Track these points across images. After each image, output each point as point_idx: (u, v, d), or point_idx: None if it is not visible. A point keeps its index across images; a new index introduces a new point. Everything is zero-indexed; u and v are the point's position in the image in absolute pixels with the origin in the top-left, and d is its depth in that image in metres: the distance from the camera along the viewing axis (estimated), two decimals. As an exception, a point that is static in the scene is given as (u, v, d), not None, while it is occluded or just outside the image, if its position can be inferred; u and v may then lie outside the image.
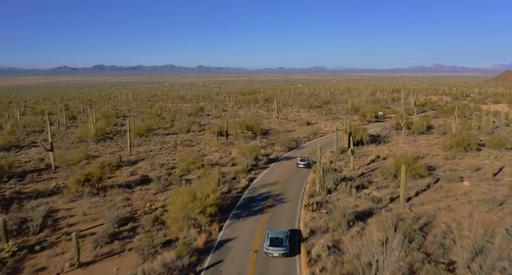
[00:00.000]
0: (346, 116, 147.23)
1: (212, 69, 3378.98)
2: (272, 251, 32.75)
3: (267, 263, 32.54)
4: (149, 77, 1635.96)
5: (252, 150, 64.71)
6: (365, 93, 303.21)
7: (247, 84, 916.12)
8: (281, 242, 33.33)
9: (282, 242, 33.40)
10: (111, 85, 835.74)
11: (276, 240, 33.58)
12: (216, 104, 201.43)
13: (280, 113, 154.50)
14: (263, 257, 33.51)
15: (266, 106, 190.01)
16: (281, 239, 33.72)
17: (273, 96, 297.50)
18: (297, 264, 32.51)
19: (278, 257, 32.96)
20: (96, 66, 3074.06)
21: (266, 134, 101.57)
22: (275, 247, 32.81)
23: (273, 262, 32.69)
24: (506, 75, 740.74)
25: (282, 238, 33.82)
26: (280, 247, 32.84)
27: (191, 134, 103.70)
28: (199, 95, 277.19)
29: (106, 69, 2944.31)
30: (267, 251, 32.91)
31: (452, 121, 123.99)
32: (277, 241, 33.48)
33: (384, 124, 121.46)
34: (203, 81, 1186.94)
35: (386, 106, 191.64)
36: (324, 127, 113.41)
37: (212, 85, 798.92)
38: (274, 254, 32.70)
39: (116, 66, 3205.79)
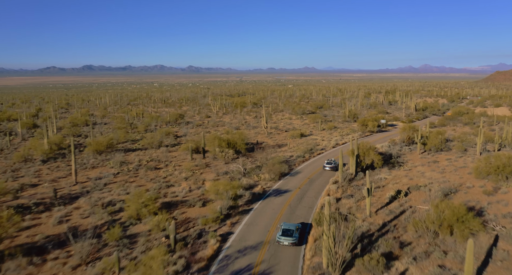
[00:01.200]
0: (343, 124, 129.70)
1: (202, 69, 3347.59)
2: (283, 240, 36.76)
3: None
4: (138, 78, 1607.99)
5: (229, 186, 46.41)
6: (359, 95, 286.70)
7: (237, 85, 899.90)
8: (292, 233, 37.13)
9: (293, 233, 37.21)
10: (99, 86, 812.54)
11: (287, 231, 37.44)
12: (200, 109, 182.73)
13: (270, 121, 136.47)
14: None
15: (255, 111, 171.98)
16: (292, 231, 37.48)
17: (262, 99, 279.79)
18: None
19: (288, 246, 36.78)
20: (85, 67, 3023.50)
21: (252, 151, 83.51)
22: (286, 237, 36.75)
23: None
24: (496, 76, 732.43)
25: (293, 230, 37.53)
26: (290, 237, 36.76)
27: (162, 150, 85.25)
28: (183, 99, 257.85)
29: (95, 70, 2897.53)
30: (279, 240, 36.96)
31: (467, 131, 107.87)
32: (288, 232, 37.29)
33: (391, 136, 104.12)
34: (193, 81, 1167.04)
35: (384, 111, 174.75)
36: (321, 140, 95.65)
37: (202, 86, 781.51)
38: (284, 243, 36.71)
39: (105, 67, 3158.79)
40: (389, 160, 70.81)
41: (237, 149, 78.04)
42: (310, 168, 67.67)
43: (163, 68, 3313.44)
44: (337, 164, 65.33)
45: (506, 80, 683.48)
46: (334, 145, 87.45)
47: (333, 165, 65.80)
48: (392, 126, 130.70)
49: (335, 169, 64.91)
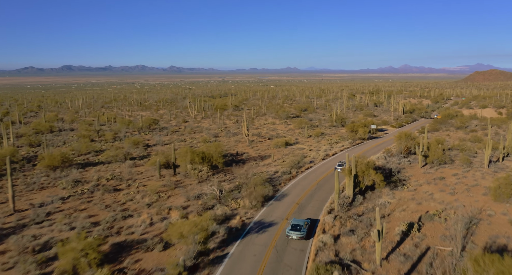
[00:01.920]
0: (331, 129, 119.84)
1: (184, 69, 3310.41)
2: (292, 234, 38.78)
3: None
4: (119, 78, 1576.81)
5: (197, 228, 35.27)
6: (343, 97, 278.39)
7: (219, 85, 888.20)
8: (300, 228, 39.21)
9: (301, 228, 39.29)
10: (79, 87, 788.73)
11: (296, 226, 39.63)
12: (178, 113, 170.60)
13: (252, 126, 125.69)
14: None
15: (236, 115, 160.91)
16: (301, 226, 39.65)
17: (244, 100, 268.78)
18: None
19: (296, 239, 38.88)
20: (64, 67, 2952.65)
21: (231, 164, 72.60)
22: (295, 231, 38.84)
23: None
24: (475, 76, 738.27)
25: (301, 225, 39.75)
26: (299, 231, 38.82)
27: (128, 164, 73.61)
28: (161, 101, 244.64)
29: (75, 70, 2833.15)
30: (288, 234, 39.00)
31: (462, 137, 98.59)
32: (297, 227, 39.45)
33: (384, 144, 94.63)
34: (175, 82, 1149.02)
35: (371, 114, 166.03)
36: (308, 150, 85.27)
37: (183, 86, 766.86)
38: (293, 237, 38.71)
39: (85, 67, 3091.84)
40: (389, 176, 60.87)
41: (213, 163, 67.05)
42: (299, 188, 57.08)
43: (145, 68, 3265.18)
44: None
45: (485, 80, 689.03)
46: (323, 156, 77.25)
47: (344, 166, 61.35)
48: (382, 132, 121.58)
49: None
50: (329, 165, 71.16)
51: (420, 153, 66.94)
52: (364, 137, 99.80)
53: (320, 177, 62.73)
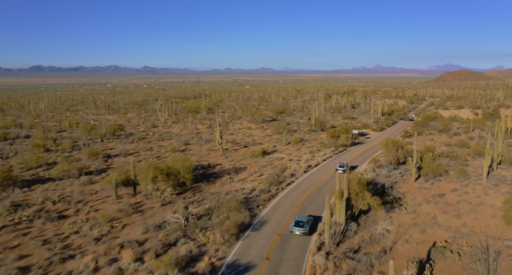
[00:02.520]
0: (310, 135, 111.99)
1: (158, 70, 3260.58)
2: (295, 230, 40.66)
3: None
4: (91, 79, 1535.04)
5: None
6: (320, 98, 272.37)
7: (194, 85, 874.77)
8: (303, 225, 41.02)
9: (304, 224, 41.07)
10: (48, 88, 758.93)
11: (299, 222, 41.39)
12: (147, 117, 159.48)
13: (226, 132, 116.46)
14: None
15: (209, 119, 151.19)
16: (303, 222, 41.38)
17: (219, 102, 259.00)
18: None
19: (300, 235, 40.77)
20: (34, 67, 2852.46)
21: (202, 180, 63.41)
22: (298, 227, 40.68)
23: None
24: (446, 76, 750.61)
25: (304, 222, 41.46)
26: (302, 227, 40.67)
27: (82, 181, 63.36)
28: (131, 103, 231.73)
29: (45, 70, 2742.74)
30: (292, 230, 40.91)
31: (447, 141, 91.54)
32: (300, 223, 41.21)
33: (369, 151, 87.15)
34: (149, 82, 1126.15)
35: (350, 117, 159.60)
36: (288, 160, 76.76)
37: (157, 87, 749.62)
38: (296, 232, 40.61)
39: (56, 67, 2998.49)
40: (382, 193, 53.02)
41: (180, 180, 57.66)
42: (280, 211, 48.34)
43: (117, 68, 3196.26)
44: (349, 167, 66.78)
45: (455, 80, 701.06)
46: (305, 167, 68.88)
47: (345, 168, 65.12)
48: (364, 136, 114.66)
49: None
50: (313, 178, 62.88)
51: (414, 165, 59.40)
52: (347, 144, 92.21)
53: (304, 195, 54.26)
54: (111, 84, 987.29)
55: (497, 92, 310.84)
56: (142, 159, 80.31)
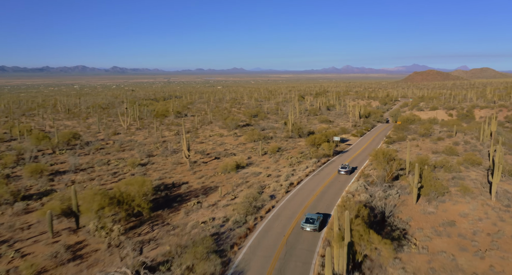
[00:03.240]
0: (288, 142, 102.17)
1: (128, 70, 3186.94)
2: (306, 227, 41.96)
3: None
4: (57, 80, 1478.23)
5: None
6: (294, 100, 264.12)
7: (165, 86, 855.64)
8: (313, 221, 42.50)
9: (314, 221, 42.56)
10: (12, 89, 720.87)
11: (310, 219, 42.89)
12: (109, 123, 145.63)
13: (195, 140, 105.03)
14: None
15: (178, 124, 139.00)
16: (314, 219, 42.91)
17: (189, 104, 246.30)
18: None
19: (310, 231, 42.00)
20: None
21: (163, 207, 52.15)
22: (309, 224, 42.08)
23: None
24: (414, 76, 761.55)
25: (315, 219, 42.97)
26: (312, 224, 42.05)
27: (16, 209, 50.97)
28: (94, 106, 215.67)
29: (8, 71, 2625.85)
30: (303, 226, 42.19)
31: (433, 148, 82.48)
32: (310, 220, 42.71)
33: (355, 162, 77.76)
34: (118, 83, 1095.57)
35: (327, 120, 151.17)
36: (266, 176, 66.31)
37: (126, 88, 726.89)
38: (307, 229, 41.89)
39: (20, 68, 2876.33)
40: (382, 222, 43.56)
41: (134, 210, 46.29)
42: (260, 253, 37.65)
43: (85, 69, 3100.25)
44: (351, 168, 69.87)
45: (423, 80, 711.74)
46: (287, 186, 58.64)
47: (347, 169, 67.46)
48: (345, 143, 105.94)
49: (350, 173, 68.02)
50: (297, 201, 52.68)
51: (415, 185, 50.17)
52: (329, 154, 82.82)
53: (289, 228, 43.82)
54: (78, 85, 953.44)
55: (467, 92, 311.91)
56: (95, 177, 68.15)
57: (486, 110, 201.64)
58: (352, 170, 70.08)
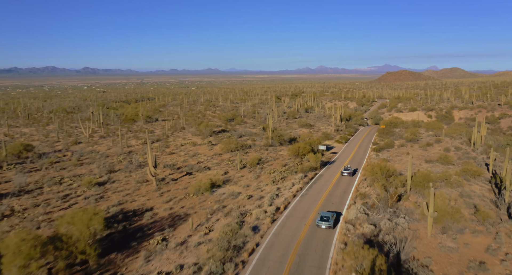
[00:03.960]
0: (268, 151, 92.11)
1: (99, 71, 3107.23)
2: (321, 224, 44.15)
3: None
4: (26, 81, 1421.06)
5: None
6: (271, 101, 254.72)
7: (138, 87, 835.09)
8: (328, 219, 44.64)
9: (329, 219, 44.71)
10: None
11: (324, 217, 44.95)
12: (70, 130, 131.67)
13: (165, 150, 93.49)
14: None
15: (148, 129, 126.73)
16: (328, 217, 45.00)
17: (162, 107, 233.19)
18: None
19: (325, 228, 44.00)
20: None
21: (117, 248, 41.04)
22: (324, 221, 44.24)
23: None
24: (387, 76, 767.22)
25: (329, 217, 45.08)
26: (327, 222, 44.22)
27: None
28: (57, 110, 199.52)
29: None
30: (318, 224, 44.38)
31: (424, 155, 73.72)
32: (325, 218, 44.77)
33: (350, 179, 68.21)
34: (89, 84, 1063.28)
35: (307, 124, 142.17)
36: (246, 199, 55.83)
37: (98, 89, 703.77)
38: (322, 226, 44.05)
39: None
40: (397, 267, 34.01)
41: (77, 258, 35.10)
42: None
43: (55, 70, 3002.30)
44: (353, 170, 71.99)
45: (396, 80, 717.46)
46: (272, 213, 48.35)
47: (350, 170, 70.07)
48: (329, 151, 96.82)
49: (352, 174, 70.53)
50: (287, 236, 42.42)
51: (431, 214, 40.80)
52: (316, 166, 73.24)
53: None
54: (48, 86, 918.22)
55: (443, 93, 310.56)
56: (41, 202, 56.15)
57: (465, 111, 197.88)
58: (354, 171, 72.32)
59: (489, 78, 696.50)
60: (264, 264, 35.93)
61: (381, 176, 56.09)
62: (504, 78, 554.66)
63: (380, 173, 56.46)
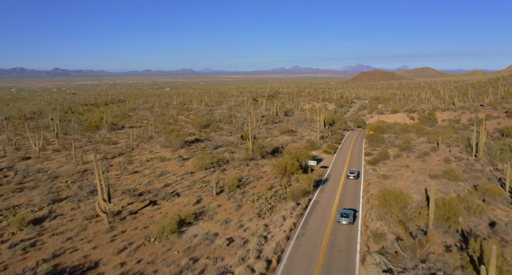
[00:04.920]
0: (249, 167, 78.49)
1: (70, 72, 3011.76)
2: (342, 220, 46.80)
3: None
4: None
5: None
6: (248, 104, 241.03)
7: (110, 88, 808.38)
8: (348, 215, 47.59)
9: (348, 215, 47.60)
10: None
11: (344, 214, 47.90)
12: (22, 141, 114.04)
13: (126, 167, 78.15)
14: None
15: (111, 139, 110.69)
16: (348, 214, 47.94)
17: (132, 110, 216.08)
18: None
19: (346, 224, 46.69)
20: None
21: None
22: (344, 218, 47.01)
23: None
24: (361, 76, 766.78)
25: (349, 213, 47.99)
26: (347, 218, 47.00)
27: None
28: (14, 117, 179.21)
29: None
30: (339, 220, 47.01)
31: (437, 174, 63.12)
32: (345, 215, 47.70)
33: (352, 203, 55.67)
34: (59, 85, 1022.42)
35: (288, 129, 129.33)
36: (224, 242, 42.02)
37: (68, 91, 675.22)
38: (343, 222, 46.69)
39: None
40: None
41: None
42: None
43: (24, 71, 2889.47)
44: (357, 172, 74.65)
45: (370, 80, 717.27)
46: (262, 272, 35.10)
47: (355, 174, 71.36)
48: (318, 164, 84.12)
49: (357, 177, 71.58)
50: None
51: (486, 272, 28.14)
52: (309, 190, 60.17)
53: None
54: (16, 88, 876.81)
55: (421, 93, 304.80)
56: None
57: (448, 113, 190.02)
58: (358, 174, 73.27)
59: (460, 77, 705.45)
60: None
61: (396, 207, 43.54)
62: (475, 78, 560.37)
63: (394, 204, 43.93)
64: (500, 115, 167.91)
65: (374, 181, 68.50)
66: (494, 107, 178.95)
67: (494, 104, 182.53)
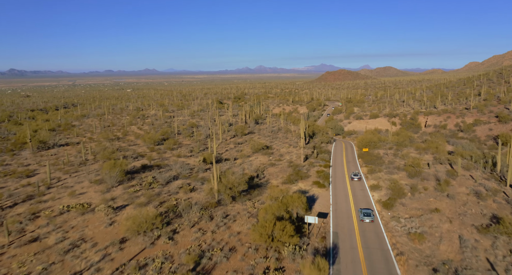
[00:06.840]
0: (215, 224, 51.89)
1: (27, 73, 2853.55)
2: (366, 219, 50.51)
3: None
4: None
5: None
6: (211, 108, 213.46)
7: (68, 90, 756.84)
8: (370, 214, 51.49)
9: (370, 214, 51.53)
10: None
11: (366, 213, 51.67)
12: None
13: (23, 227, 49.21)
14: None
15: (28, 168, 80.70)
16: (370, 212, 51.91)
17: (81, 117, 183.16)
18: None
19: (369, 222, 50.75)
20: None
21: None
22: (367, 216, 50.90)
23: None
24: (327, 76, 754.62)
25: (370, 212, 51.96)
26: (369, 216, 50.98)
27: None
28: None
29: None
30: (363, 219, 50.60)
31: (479, 228, 41.36)
32: (367, 213, 51.54)
33: None
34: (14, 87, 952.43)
35: (263, 146, 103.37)
36: None
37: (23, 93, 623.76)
38: (366, 220, 50.51)
39: None
40: None
41: None
42: None
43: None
44: (361, 174, 76.57)
45: (336, 79, 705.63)
46: None
47: (359, 175, 73.88)
48: (313, 208, 58.50)
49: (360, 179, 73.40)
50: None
51: None
52: (296, 242, 34.32)
53: None
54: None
55: (395, 93, 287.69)
56: None
57: (432, 117, 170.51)
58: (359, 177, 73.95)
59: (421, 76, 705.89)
60: None
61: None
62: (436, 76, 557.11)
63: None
64: (490, 120, 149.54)
65: (408, 248, 43.75)
66: (481, 111, 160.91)
67: (480, 107, 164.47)
